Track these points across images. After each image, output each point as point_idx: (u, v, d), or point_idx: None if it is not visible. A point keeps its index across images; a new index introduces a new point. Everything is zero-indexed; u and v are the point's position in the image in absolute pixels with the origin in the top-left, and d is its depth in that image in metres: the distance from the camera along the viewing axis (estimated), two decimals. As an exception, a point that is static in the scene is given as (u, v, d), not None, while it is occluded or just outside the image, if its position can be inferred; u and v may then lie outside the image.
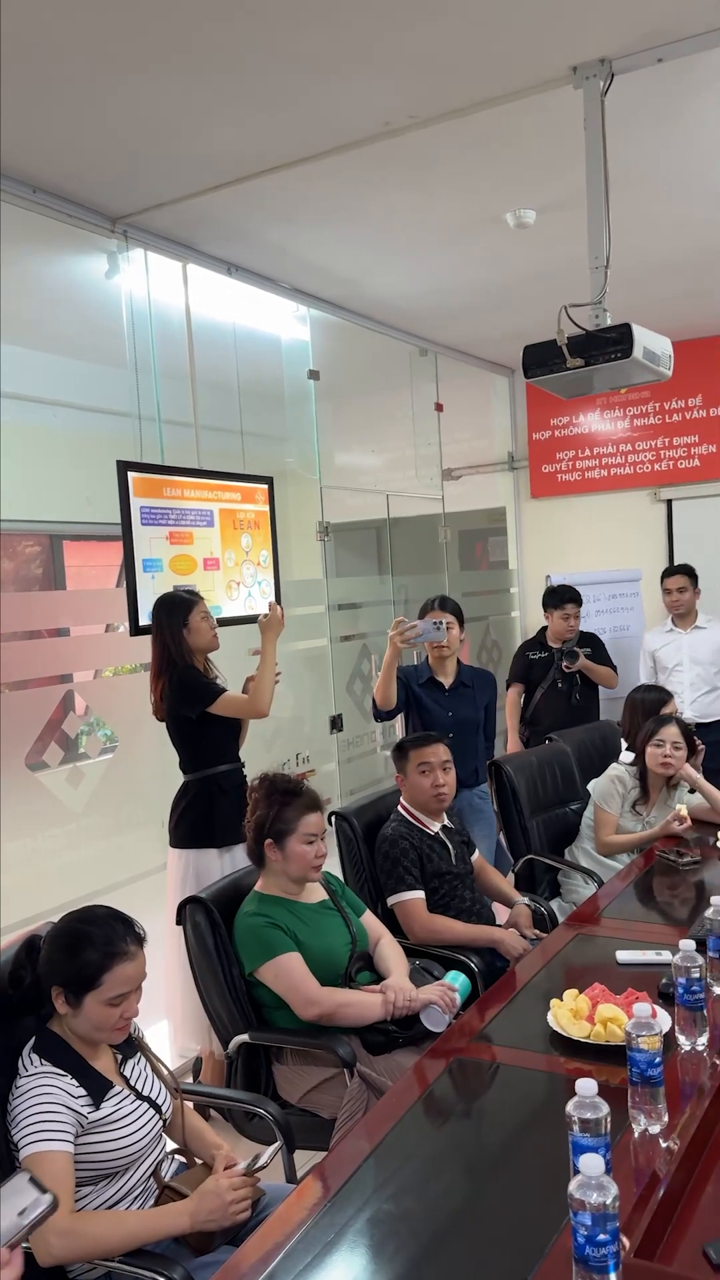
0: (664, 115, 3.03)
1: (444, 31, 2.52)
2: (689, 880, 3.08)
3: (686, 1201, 1.51)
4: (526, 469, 6.43)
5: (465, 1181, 1.62)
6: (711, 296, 5.01)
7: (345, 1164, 1.66)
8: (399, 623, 3.64)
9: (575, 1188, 1.24)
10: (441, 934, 2.82)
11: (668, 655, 4.99)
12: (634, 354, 2.57)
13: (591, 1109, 1.37)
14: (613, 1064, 1.83)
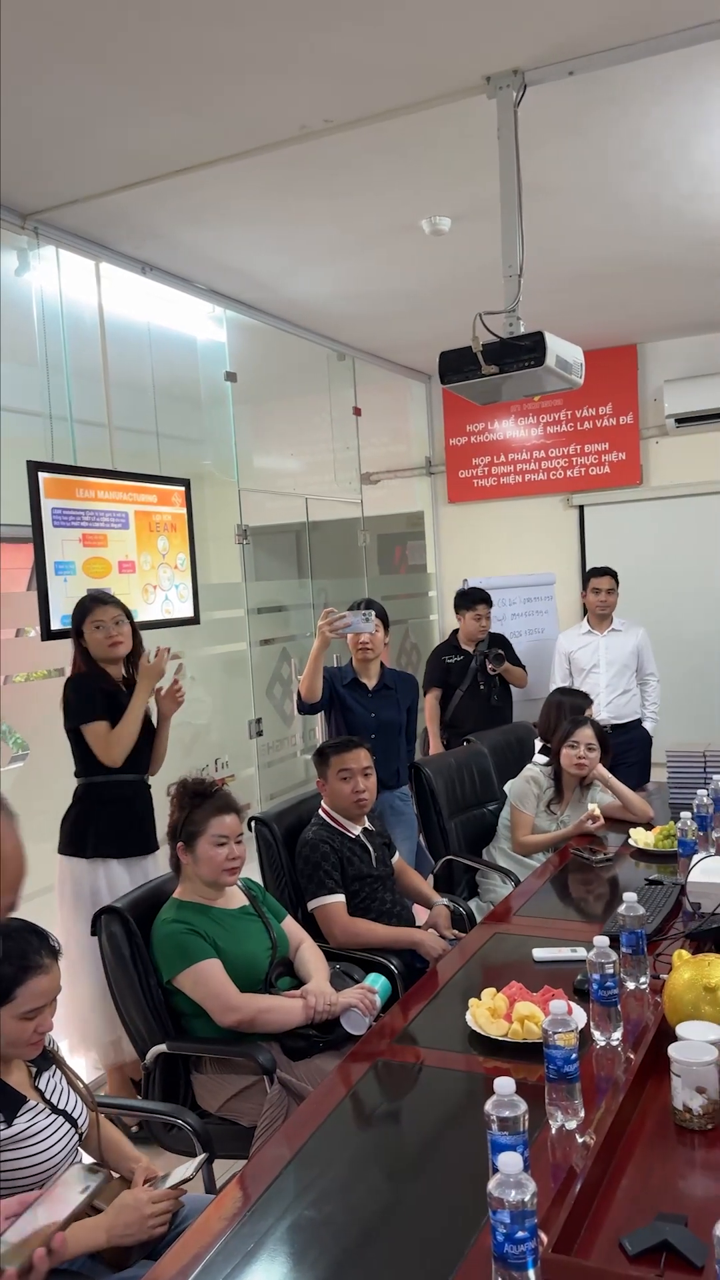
0: (575, 127, 3.09)
1: (359, 37, 2.53)
2: (603, 877, 3.15)
3: (603, 1195, 1.54)
4: (444, 474, 6.50)
5: (387, 1184, 1.62)
6: (621, 307, 5.13)
7: (266, 1171, 1.65)
8: (328, 613, 3.67)
9: (494, 1186, 1.25)
10: (362, 937, 2.83)
11: (584, 657, 5.06)
12: (547, 362, 2.61)
13: (509, 1107, 1.39)
14: (531, 1061, 1.86)
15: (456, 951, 2.60)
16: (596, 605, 5.08)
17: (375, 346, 5.70)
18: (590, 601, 5.11)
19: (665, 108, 2.98)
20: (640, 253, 4.26)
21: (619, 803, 3.64)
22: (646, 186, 3.56)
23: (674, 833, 3.13)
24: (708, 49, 2.64)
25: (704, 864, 2.57)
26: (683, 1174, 1.60)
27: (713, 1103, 1.65)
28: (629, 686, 5.00)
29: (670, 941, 2.41)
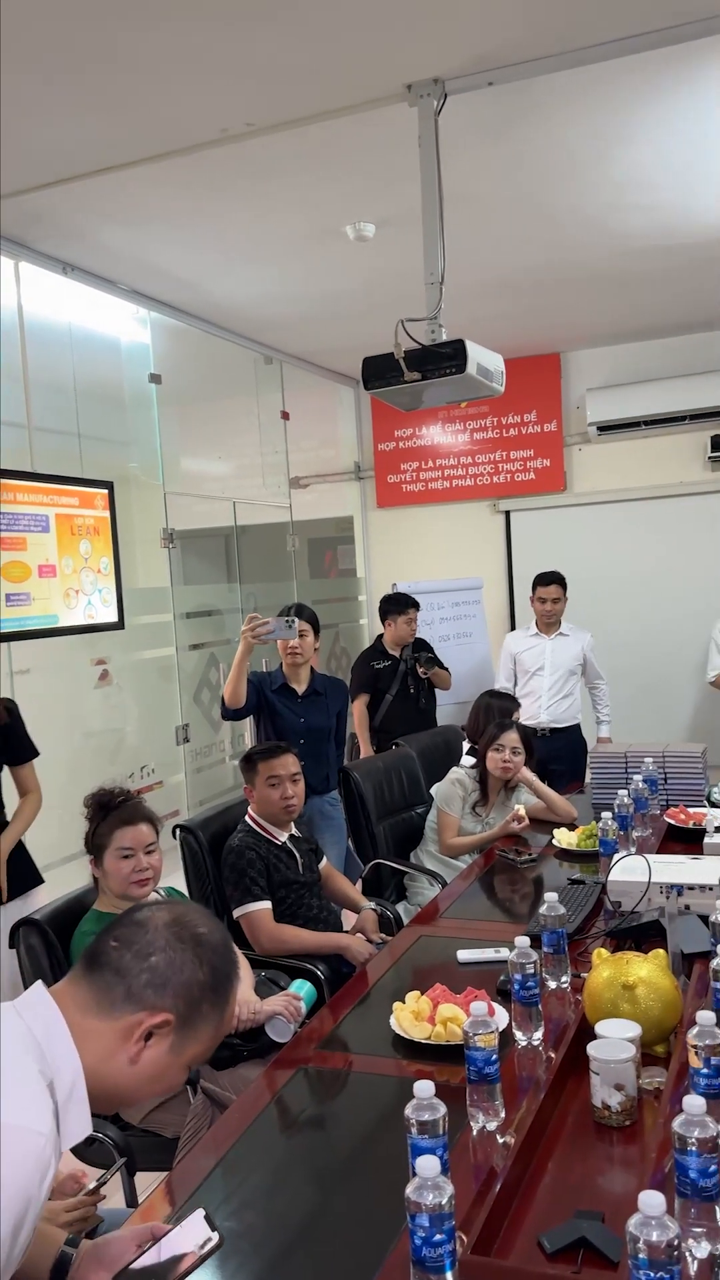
0: (497, 137, 3.13)
1: (282, 41, 2.53)
2: (527, 878, 3.18)
3: (523, 1194, 1.55)
4: (373, 479, 6.52)
5: (310, 1192, 1.61)
6: (544, 316, 5.21)
7: (188, 1182, 1.63)
8: (251, 619, 3.64)
9: (412, 1190, 1.25)
10: (288, 943, 2.81)
11: (531, 659, 5.06)
12: (468, 370, 2.64)
13: (429, 1110, 1.39)
14: (454, 1063, 1.86)
15: (383, 955, 2.61)
16: (543, 615, 5.05)
17: (302, 350, 5.70)
18: (536, 609, 5.08)
19: (585, 120, 3.04)
20: (562, 263, 4.33)
21: (543, 804, 3.69)
22: (567, 197, 3.63)
23: (596, 833, 3.18)
24: (625, 63, 2.69)
25: (624, 863, 2.61)
26: (601, 1170, 1.62)
27: (631, 1099, 1.68)
28: (571, 691, 5.01)
29: (591, 940, 2.45)
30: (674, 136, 3.17)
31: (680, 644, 5.73)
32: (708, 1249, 1.31)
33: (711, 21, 2.51)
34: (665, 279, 4.65)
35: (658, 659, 5.79)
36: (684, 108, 2.98)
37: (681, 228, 3.97)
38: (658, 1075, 1.79)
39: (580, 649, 5.07)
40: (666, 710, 5.76)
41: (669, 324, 5.50)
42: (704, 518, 5.73)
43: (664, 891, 2.48)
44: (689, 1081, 1.56)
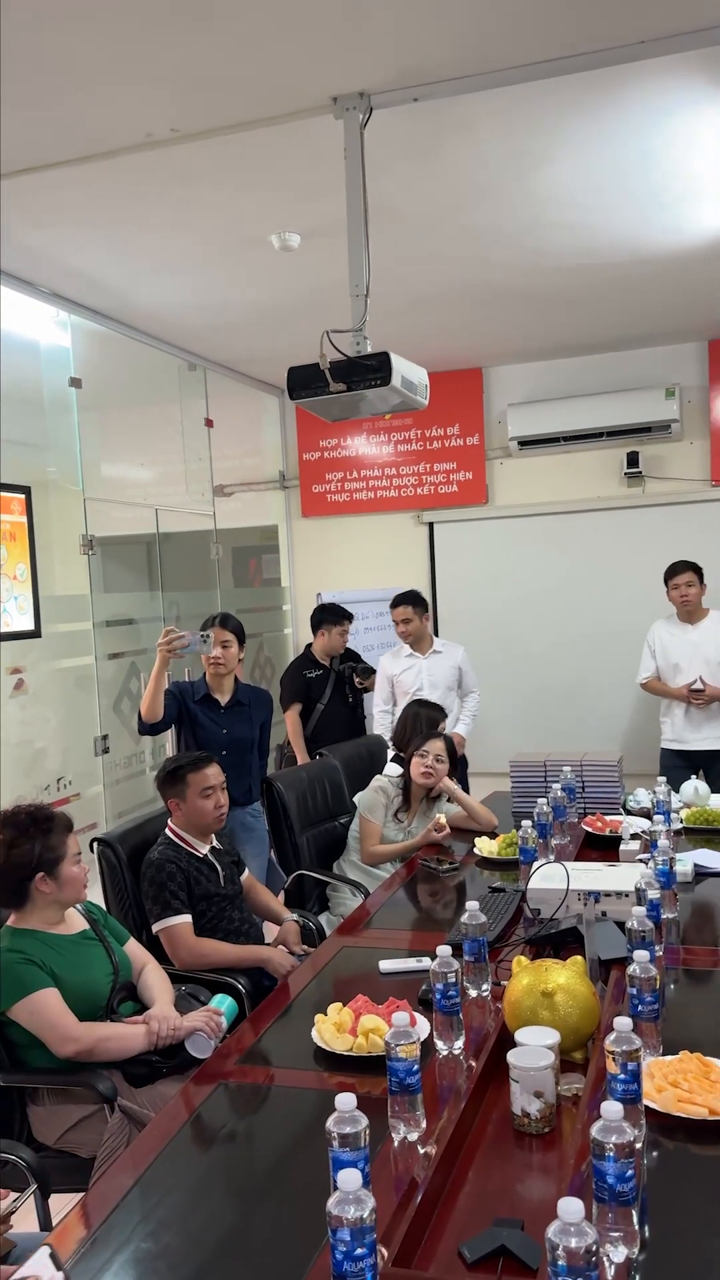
0: (420, 153, 3.16)
1: (208, 49, 2.52)
2: (449, 886, 3.20)
3: (444, 1204, 1.55)
4: (298, 488, 6.52)
5: (230, 1209, 1.59)
6: (467, 331, 5.28)
7: (104, 1203, 1.59)
8: (167, 632, 3.60)
9: (333, 1204, 1.24)
10: (209, 957, 2.78)
11: (409, 679, 4.98)
12: (393, 382, 2.65)
13: (350, 1123, 1.38)
14: (377, 1074, 1.86)
15: (305, 967, 2.59)
16: (403, 635, 4.99)
17: (227, 358, 5.67)
18: (398, 631, 5.02)
19: (508, 138, 3.09)
20: (484, 279, 4.40)
21: (465, 813, 3.73)
22: (490, 214, 3.68)
23: (516, 841, 3.22)
24: (548, 84, 2.75)
25: (543, 870, 2.65)
26: (521, 1178, 1.63)
27: (550, 1106, 1.70)
28: (449, 708, 4.90)
29: (511, 948, 2.47)
30: (594, 158, 3.25)
31: (597, 654, 5.84)
32: (624, 1253, 1.33)
33: (630, 48, 2.58)
34: (585, 298, 4.75)
35: (575, 669, 5.89)
36: (604, 130, 3.05)
37: (601, 248, 4.06)
38: (576, 1082, 1.82)
39: (455, 663, 5.04)
40: (584, 719, 5.86)
41: (588, 342, 5.62)
42: (619, 532, 5.86)
43: (582, 898, 2.52)
44: (606, 1087, 1.58)
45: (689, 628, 4.86)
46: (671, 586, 4.82)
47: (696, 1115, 1.65)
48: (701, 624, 4.84)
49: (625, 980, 1.89)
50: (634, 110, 2.94)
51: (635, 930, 2.07)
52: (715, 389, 5.68)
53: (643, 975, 1.83)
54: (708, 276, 4.49)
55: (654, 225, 3.86)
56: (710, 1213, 1.46)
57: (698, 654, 4.80)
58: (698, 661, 4.79)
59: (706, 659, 4.78)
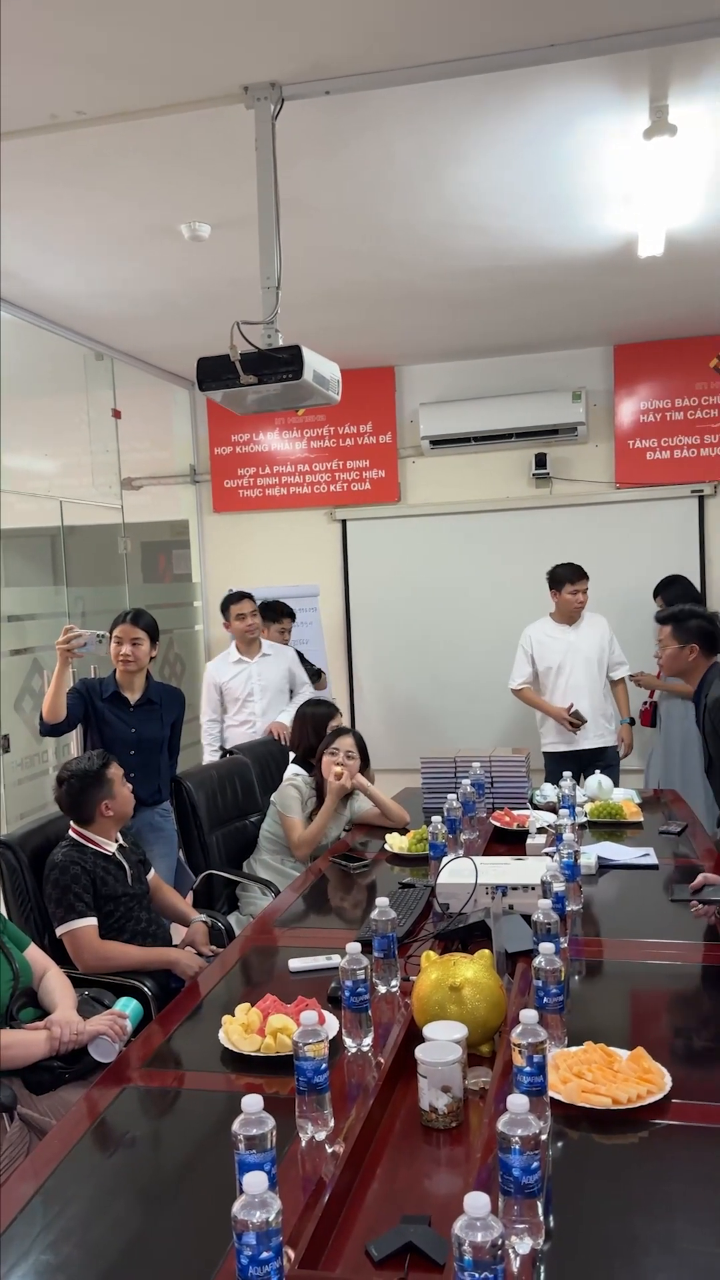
0: (334, 147, 3.15)
1: (115, 31, 2.46)
2: (360, 883, 3.20)
3: (352, 1203, 1.54)
4: (209, 482, 6.44)
5: (134, 1217, 1.55)
6: (379, 329, 5.29)
7: (3, 1214, 1.54)
8: (66, 631, 3.53)
9: (238, 1208, 1.22)
10: (114, 960, 2.72)
11: (238, 686, 4.82)
12: (304, 376, 2.63)
13: (256, 1125, 1.36)
14: (286, 1074, 1.84)
15: (213, 968, 2.56)
16: (246, 630, 4.82)
17: (135, 349, 5.57)
18: (244, 625, 4.82)
19: (419, 136, 3.10)
20: (396, 278, 4.41)
21: (377, 810, 3.73)
22: (401, 213, 3.69)
23: (426, 837, 3.23)
24: (459, 84, 2.76)
25: (452, 865, 2.67)
26: (429, 1174, 1.63)
27: (457, 1101, 1.71)
28: (278, 710, 4.82)
29: (420, 943, 2.48)
30: (503, 160, 3.28)
31: (505, 652, 5.92)
32: (530, 1245, 1.34)
33: (539, 51, 2.61)
34: (495, 300, 4.80)
35: (484, 667, 5.96)
36: (514, 133, 3.09)
37: (510, 250, 4.11)
38: (483, 1075, 1.83)
39: (286, 667, 4.91)
40: (493, 716, 5.94)
41: (498, 344, 5.69)
42: (528, 532, 5.95)
43: (489, 892, 2.54)
44: (513, 1080, 1.59)
45: (567, 628, 4.90)
46: (569, 591, 4.83)
47: (600, 1105, 1.68)
48: (580, 625, 4.91)
49: (531, 973, 1.91)
50: (541, 114, 2.98)
51: (541, 923, 2.10)
52: (619, 393, 5.81)
53: (548, 967, 1.85)
54: (612, 283, 4.59)
55: (561, 230, 3.92)
56: (613, 1200, 1.48)
57: (577, 654, 4.85)
58: (577, 661, 4.84)
59: (586, 658, 4.85)
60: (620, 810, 3.74)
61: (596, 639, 4.91)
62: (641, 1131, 1.66)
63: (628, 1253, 1.37)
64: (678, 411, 5.74)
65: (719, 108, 2.95)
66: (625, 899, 2.94)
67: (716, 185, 3.52)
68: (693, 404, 5.72)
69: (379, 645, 5.34)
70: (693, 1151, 1.60)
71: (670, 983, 2.35)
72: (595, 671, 4.87)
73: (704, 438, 5.72)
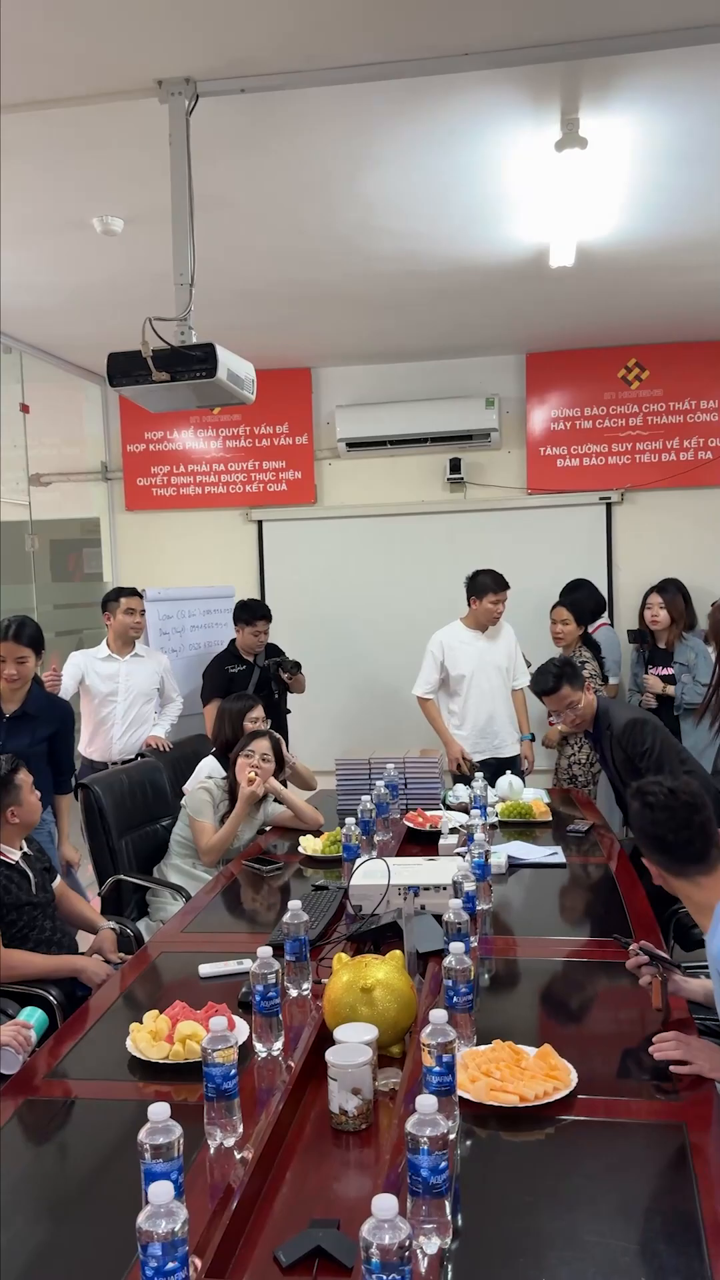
0: (250, 145, 3.13)
1: (28, 20, 2.40)
2: (273, 887, 3.18)
3: (260, 1209, 1.53)
4: (121, 480, 6.34)
5: (38, 1230, 1.51)
6: (295, 330, 5.27)
7: None
8: None
9: (143, 1219, 1.20)
10: (18, 969, 2.64)
11: (104, 685, 4.64)
12: (218, 375, 2.61)
13: (163, 1133, 1.34)
14: (195, 1081, 1.81)
15: (121, 975, 2.51)
16: (135, 627, 4.69)
17: (45, 342, 5.44)
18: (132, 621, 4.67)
19: (337, 138, 3.09)
20: (313, 279, 4.40)
21: (290, 813, 3.72)
22: (318, 214, 3.68)
23: (340, 838, 3.23)
24: (377, 87, 2.77)
25: (365, 867, 2.67)
26: (338, 1176, 1.63)
27: (367, 1103, 1.71)
28: (146, 717, 4.72)
29: (333, 945, 2.48)
30: (418, 166, 3.30)
31: (421, 655, 5.96)
32: (438, 1244, 1.35)
33: (454, 59, 2.63)
34: (411, 305, 4.83)
35: (400, 668, 5.96)
36: (430, 139, 3.11)
37: (426, 255, 4.14)
38: (394, 1076, 1.84)
39: (156, 671, 4.79)
40: (407, 718, 5.96)
41: (415, 349, 5.73)
42: (442, 535, 6.00)
43: (402, 893, 2.56)
44: (422, 1080, 1.60)
45: (479, 635, 4.87)
46: (491, 600, 4.79)
47: (508, 1103, 1.70)
48: (491, 633, 4.88)
49: (442, 972, 1.92)
50: (457, 122, 3.00)
51: (451, 922, 2.12)
52: (531, 401, 5.91)
53: (458, 967, 1.87)
54: (525, 291, 4.66)
55: (474, 238, 3.96)
56: (519, 1197, 1.50)
57: (488, 662, 4.85)
58: (489, 669, 4.83)
59: (497, 666, 4.85)
60: (530, 810, 3.80)
61: (505, 648, 4.92)
62: (548, 1128, 1.68)
63: (533, 1248, 1.39)
64: (587, 420, 5.87)
65: (629, 122, 3.02)
66: (534, 897, 2.99)
67: (628, 199, 3.61)
68: (601, 413, 5.85)
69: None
70: (597, 1146, 1.63)
71: (578, 980, 2.40)
72: (504, 680, 4.90)
73: (611, 446, 5.86)
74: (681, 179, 3.44)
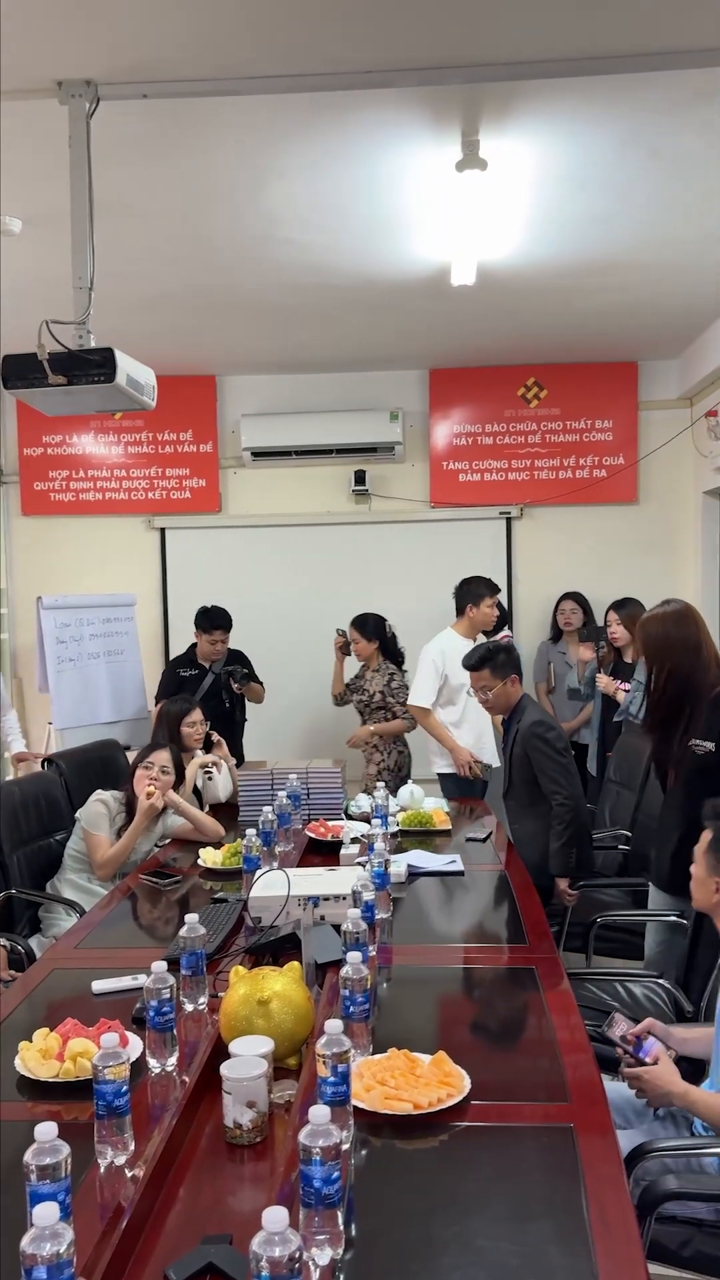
0: (153, 151, 3.10)
1: None
2: (171, 900, 3.14)
3: (152, 1227, 1.51)
4: (17, 484, 6.19)
5: None
6: (200, 338, 5.24)
7: None
8: None
9: (27, 1242, 1.16)
10: None
11: None
12: (118, 380, 2.57)
13: (50, 1154, 1.31)
14: (86, 1100, 1.77)
15: (12, 992, 2.44)
16: None
17: (-59, 344, 5.28)
18: None
19: (240, 148, 3.09)
20: (217, 287, 4.38)
21: (190, 825, 3.68)
22: (222, 223, 3.67)
23: (240, 850, 3.21)
24: (282, 99, 2.78)
25: (265, 878, 2.65)
26: (232, 1191, 1.61)
27: (262, 1116, 1.70)
28: None
29: (230, 958, 2.46)
30: (324, 179, 3.32)
31: (326, 664, 5.97)
32: (330, 1255, 1.35)
33: (356, 76, 2.66)
34: (317, 316, 4.85)
35: (306, 678, 5.98)
36: (334, 153, 3.13)
37: (331, 269, 4.17)
38: (289, 1088, 1.83)
39: None
40: (314, 729, 5.98)
41: (321, 360, 5.75)
42: (347, 546, 6.04)
43: (301, 904, 2.55)
44: (317, 1091, 1.59)
45: (474, 644, 4.86)
46: (488, 604, 4.77)
47: (402, 1111, 1.71)
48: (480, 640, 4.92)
49: (339, 982, 1.92)
50: (361, 138, 3.04)
51: (350, 932, 2.12)
52: (434, 416, 5.99)
53: (354, 976, 1.87)
54: (428, 308, 4.73)
55: (377, 254, 4.01)
56: (413, 1204, 1.51)
57: None
58: None
59: None
60: (431, 819, 3.84)
61: None
62: (442, 1134, 1.70)
63: (425, 1254, 1.40)
64: (488, 437, 5.98)
65: (529, 147, 3.10)
66: (434, 905, 3.02)
67: (527, 221, 3.70)
68: (502, 430, 5.97)
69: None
70: (489, 1151, 1.66)
71: (475, 986, 2.43)
72: None
73: (511, 463, 5.98)
74: (579, 204, 3.55)
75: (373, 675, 4.97)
